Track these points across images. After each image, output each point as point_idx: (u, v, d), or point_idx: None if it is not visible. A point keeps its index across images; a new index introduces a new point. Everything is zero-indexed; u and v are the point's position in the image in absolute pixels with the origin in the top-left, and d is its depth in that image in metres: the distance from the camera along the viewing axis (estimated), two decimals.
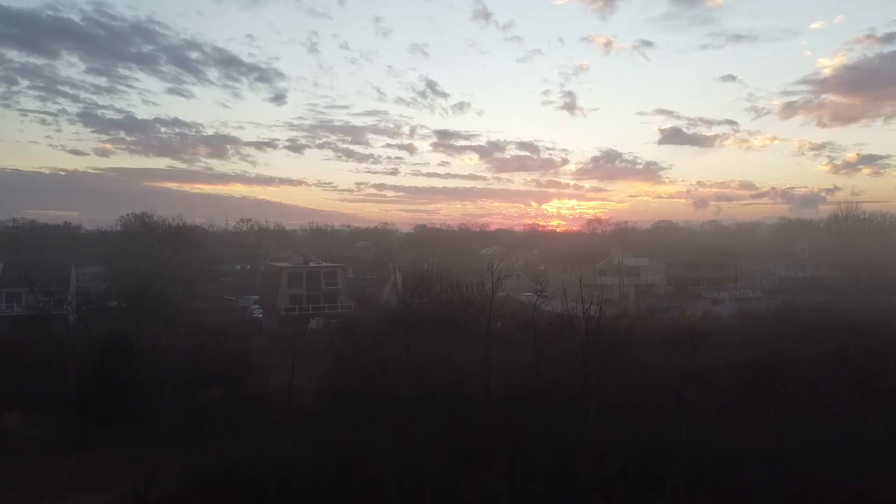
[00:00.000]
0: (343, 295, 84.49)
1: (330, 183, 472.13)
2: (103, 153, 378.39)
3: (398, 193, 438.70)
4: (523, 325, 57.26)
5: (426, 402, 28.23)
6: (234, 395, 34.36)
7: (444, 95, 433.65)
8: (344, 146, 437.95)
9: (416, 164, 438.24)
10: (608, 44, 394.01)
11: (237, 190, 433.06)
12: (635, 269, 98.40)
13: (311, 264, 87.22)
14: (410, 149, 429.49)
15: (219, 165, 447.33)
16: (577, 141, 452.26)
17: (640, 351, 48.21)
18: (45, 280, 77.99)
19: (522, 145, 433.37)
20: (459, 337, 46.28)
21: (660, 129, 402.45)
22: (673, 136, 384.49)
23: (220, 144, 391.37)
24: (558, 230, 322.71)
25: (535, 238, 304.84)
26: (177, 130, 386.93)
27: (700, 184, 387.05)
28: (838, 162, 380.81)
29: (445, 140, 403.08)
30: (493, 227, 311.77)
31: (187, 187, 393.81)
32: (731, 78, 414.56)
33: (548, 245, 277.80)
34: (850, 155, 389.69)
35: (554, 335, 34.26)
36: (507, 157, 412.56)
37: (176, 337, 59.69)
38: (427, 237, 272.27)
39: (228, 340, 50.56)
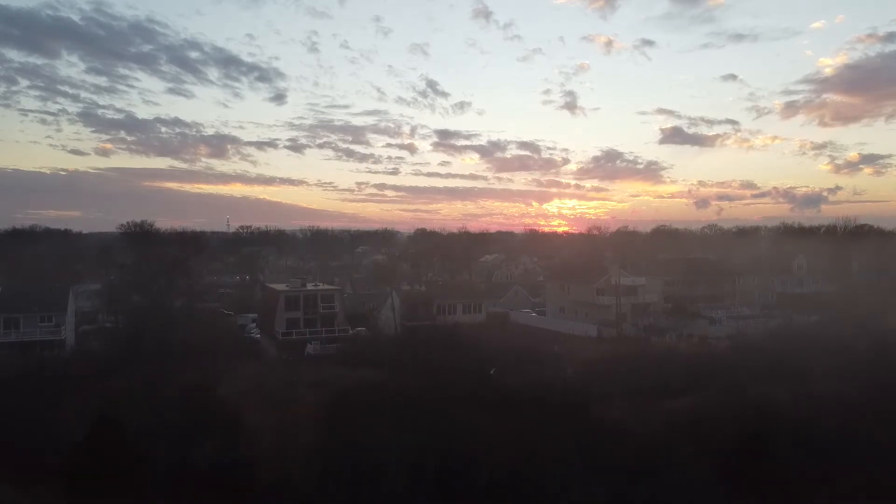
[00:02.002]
0: (340, 317, 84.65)
1: (330, 183, 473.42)
2: (104, 153, 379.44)
3: (399, 193, 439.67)
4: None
5: (414, 478, 28.31)
6: (225, 456, 34.46)
7: (445, 95, 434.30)
8: (344, 146, 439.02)
9: (416, 163, 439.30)
10: (609, 43, 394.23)
11: (238, 190, 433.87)
12: (633, 288, 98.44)
13: (308, 286, 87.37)
14: (411, 148, 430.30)
15: (219, 165, 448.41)
16: (577, 140, 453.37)
17: (635, 395, 48.34)
18: (43, 304, 78.33)
19: (523, 145, 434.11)
20: (454, 385, 46.18)
21: (661, 129, 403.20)
22: (674, 136, 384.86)
23: (220, 144, 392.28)
24: (559, 230, 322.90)
25: (536, 241, 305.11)
26: (177, 130, 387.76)
27: (701, 183, 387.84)
28: (840, 161, 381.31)
29: (446, 140, 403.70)
30: (493, 228, 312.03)
31: (188, 187, 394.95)
32: (732, 77, 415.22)
33: (548, 250, 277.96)
34: (852, 154, 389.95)
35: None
36: (508, 156, 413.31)
37: (172, 373, 59.87)
38: (426, 242, 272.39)
39: (223, 383, 50.60)
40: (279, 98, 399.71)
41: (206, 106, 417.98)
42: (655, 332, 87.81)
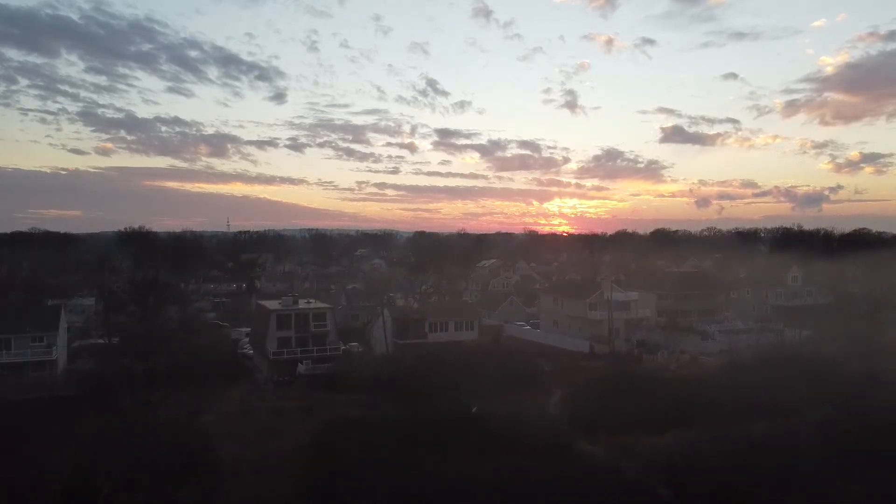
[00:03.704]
0: (332, 335, 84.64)
1: (331, 182, 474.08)
2: (104, 152, 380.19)
3: (399, 192, 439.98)
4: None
5: None
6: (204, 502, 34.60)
7: (445, 94, 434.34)
8: (345, 145, 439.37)
9: (417, 162, 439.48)
10: (609, 42, 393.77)
11: (238, 189, 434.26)
12: (625, 303, 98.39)
13: (300, 304, 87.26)
14: (411, 147, 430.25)
15: (219, 164, 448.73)
16: (578, 140, 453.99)
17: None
18: (35, 324, 78.38)
19: (523, 144, 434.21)
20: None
21: (661, 128, 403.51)
22: (674, 135, 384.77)
23: (220, 143, 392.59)
24: (560, 229, 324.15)
25: (535, 244, 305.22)
26: (177, 129, 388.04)
27: (702, 182, 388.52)
28: (840, 160, 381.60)
29: (446, 139, 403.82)
30: (494, 228, 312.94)
31: (188, 186, 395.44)
32: (733, 76, 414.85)
33: (547, 255, 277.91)
34: (853, 153, 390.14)
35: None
36: (509, 155, 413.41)
37: (160, 401, 60.14)
38: (425, 246, 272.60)
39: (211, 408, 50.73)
40: (279, 97, 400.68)
41: (205, 105, 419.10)
42: (647, 349, 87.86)
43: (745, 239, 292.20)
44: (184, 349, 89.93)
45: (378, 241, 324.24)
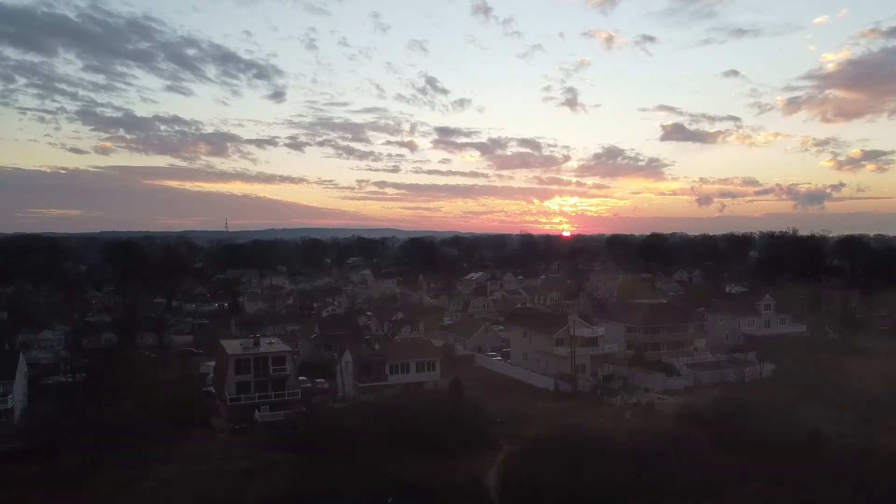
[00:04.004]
0: (292, 378, 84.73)
1: (331, 181, 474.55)
2: (103, 151, 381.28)
3: (399, 191, 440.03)
4: None
5: None
6: None
7: (444, 92, 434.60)
8: (344, 144, 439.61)
9: (416, 161, 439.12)
10: (609, 39, 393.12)
11: (238, 188, 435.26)
12: (592, 339, 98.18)
13: (262, 345, 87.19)
14: (411, 146, 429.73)
15: (219, 163, 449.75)
16: (578, 137, 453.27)
17: None
18: None
19: (524, 142, 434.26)
20: None
21: (662, 126, 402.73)
22: (675, 133, 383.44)
23: (219, 142, 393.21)
24: (560, 227, 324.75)
25: (528, 250, 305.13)
26: (176, 128, 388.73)
27: (703, 180, 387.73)
28: (842, 158, 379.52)
29: (446, 137, 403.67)
30: (495, 226, 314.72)
31: (188, 185, 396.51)
32: (734, 73, 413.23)
33: (538, 263, 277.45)
34: (854, 151, 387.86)
35: None
36: (509, 154, 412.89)
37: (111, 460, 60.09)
38: (416, 254, 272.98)
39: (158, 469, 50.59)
40: (278, 95, 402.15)
41: (204, 104, 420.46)
42: (609, 392, 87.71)
43: (739, 244, 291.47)
44: (148, 388, 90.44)
45: (371, 248, 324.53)
